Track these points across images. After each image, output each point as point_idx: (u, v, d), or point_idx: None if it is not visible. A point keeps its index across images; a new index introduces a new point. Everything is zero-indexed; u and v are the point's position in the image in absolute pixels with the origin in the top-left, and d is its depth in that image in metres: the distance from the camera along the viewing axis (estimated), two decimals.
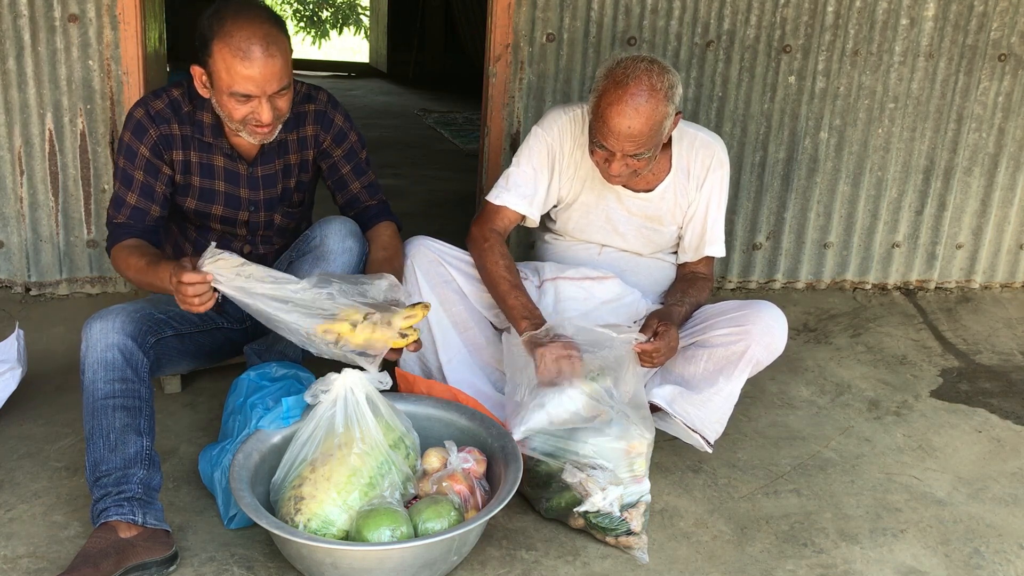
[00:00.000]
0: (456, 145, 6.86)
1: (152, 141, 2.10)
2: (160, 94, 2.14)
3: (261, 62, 1.94)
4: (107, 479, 1.84)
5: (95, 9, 2.85)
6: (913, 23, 3.37)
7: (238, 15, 1.96)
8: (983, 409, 2.83)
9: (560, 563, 1.94)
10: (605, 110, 2.12)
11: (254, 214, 2.26)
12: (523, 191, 2.35)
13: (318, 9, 16.22)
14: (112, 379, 1.90)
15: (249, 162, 2.20)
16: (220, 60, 1.95)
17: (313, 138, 2.26)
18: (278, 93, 2.00)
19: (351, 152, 2.30)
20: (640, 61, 2.13)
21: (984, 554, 2.09)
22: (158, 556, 1.80)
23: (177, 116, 2.12)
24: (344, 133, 2.28)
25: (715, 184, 2.38)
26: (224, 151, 2.17)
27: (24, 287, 3.06)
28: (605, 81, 2.14)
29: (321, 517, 1.77)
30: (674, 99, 2.15)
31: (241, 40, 1.93)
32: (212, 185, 2.19)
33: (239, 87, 1.96)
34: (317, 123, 2.24)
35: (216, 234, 2.28)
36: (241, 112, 2.00)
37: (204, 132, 2.14)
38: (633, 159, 2.16)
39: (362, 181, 2.32)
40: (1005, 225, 3.73)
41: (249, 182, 2.22)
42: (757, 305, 2.30)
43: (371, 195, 2.34)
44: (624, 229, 2.43)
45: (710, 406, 2.23)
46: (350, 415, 1.87)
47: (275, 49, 1.97)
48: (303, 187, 2.34)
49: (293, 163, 2.27)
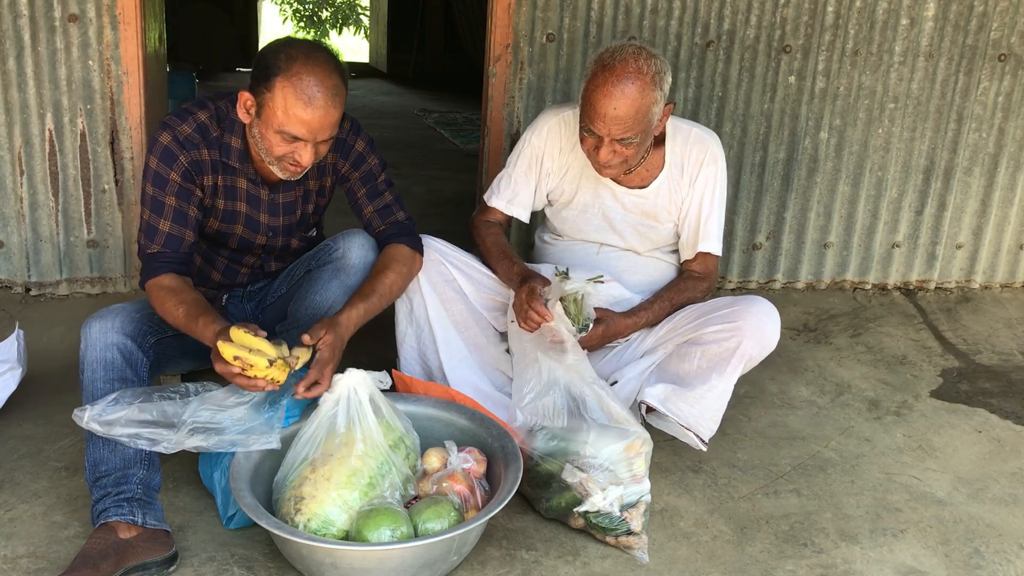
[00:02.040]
0: (456, 145, 6.87)
1: (183, 168, 2.03)
2: (186, 117, 2.05)
3: (322, 112, 1.92)
4: (107, 479, 1.84)
5: (95, 9, 2.85)
6: (913, 23, 3.37)
7: (310, 58, 1.92)
8: (983, 409, 2.83)
9: (560, 563, 1.94)
10: (592, 93, 2.14)
11: (272, 239, 2.25)
12: (506, 194, 2.47)
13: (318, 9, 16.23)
14: (111, 379, 1.90)
15: (270, 188, 2.17)
16: (280, 97, 1.90)
17: (332, 165, 2.23)
18: (324, 141, 1.99)
19: (368, 175, 2.25)
20: (628, 47, 2.16)
21: (984, 554, 2.09)
22: (158, 556, 1.80)
23: (206, 140, 2.06)
24: (363, 158, 2.23)
25: (708, 179, 2.37)
26: (249, 176, 2.13)
27: (24, 287, 3.06)
28: (594, 66, 2.18)
29: (321, 517, 1.78)
30: (662, 85, 2.16)
31: (308, 85, 1.89)
32: (234, 207, 2.16)
33: (291, 129, 1.92)
34: (337, 151, 2.20)
35: (228, 251, 2.26)
36: (283, 150, 1.97)
37: (231, 156, 2.08)
38: (621, 145, 2.16)
39: (375, 204, 2.25)
40: (1005, 225, 3.73)
41: (270, 208, 2.19)
42: (749, 301, 2.29)
43: (383, 219, 2.26)
44: (621, 227, 2.44)
45: (703, 403, 2.23)
46: (352, 415, 1.87)
47: (338, 101, 1.95)
48: (320, 211, 2.33)
49: (312, 188, 2.25)
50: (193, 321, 1.93)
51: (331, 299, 2.16)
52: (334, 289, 2.16)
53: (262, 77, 1.93)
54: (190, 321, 1.93)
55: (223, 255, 2.26)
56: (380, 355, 2.64)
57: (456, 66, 10.91)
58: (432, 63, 11.26)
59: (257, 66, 1.96)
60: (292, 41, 1.97)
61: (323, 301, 2.16)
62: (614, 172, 2.27)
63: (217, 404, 1.90)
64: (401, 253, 2.23)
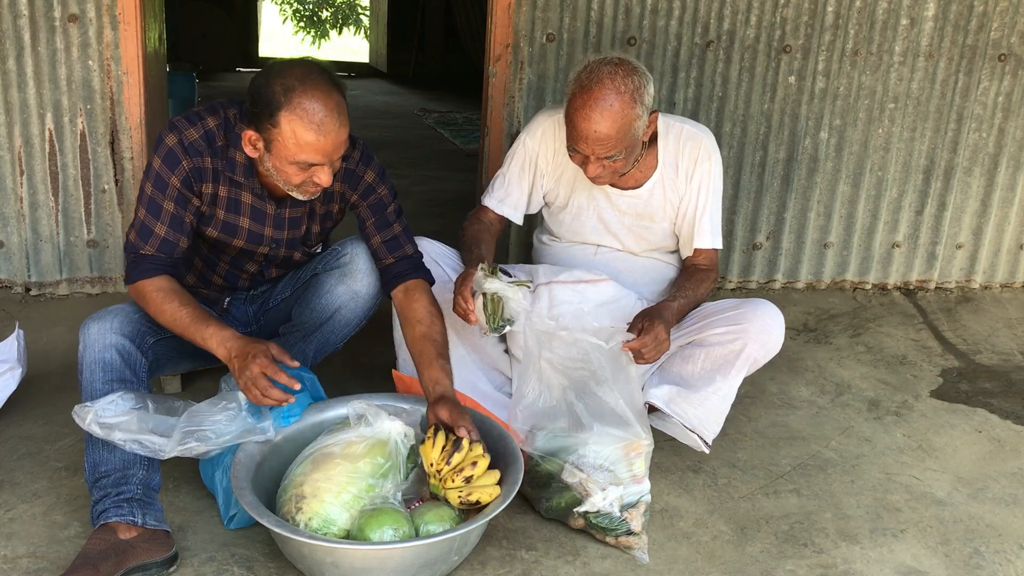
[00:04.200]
0: (456, 145, 6.86)
1: (184, 173, 1.99)
2: (195, 121, 2.01)
3: (334, 134, 1.88)
4: (106, 480, 1.84)
5: (95, 9, 2.85)
6: (913, 23, 3.37)
7: (306, 83, 1.86)
8: (983, 409, 2.83)
9: (560, 563, 1.94)
10: (573, 115, 2.13)
11: (274, 250, 2.22)
12: (499, 195, 2.46)
13: (318, 9, 16.22)
14: (110, 379, 1.89)
15: (277, 202, 2.13)
16: (289, 131, 1.86)
17: (340, 194, 2.19)
18: (340, 157, 1.97)
19: (377, 205, 2.18)
20: (606, 64, 2.13)
21: (984, 554, 2.09)
22: (158, 557, 1.80)
23: (211, 149, 2.01)
24: (372, 188, 2.17)
25: (704, 174, 2.36)
26: (254, 190, 2.09)
27: (24, 287, 3.06)
28: (573, 86, 2.16)
29: (322, 516, 1.77)
30: (643, 100, 2.14)
31: (314, 112, 1.85)
32: (237, 221, 2.12)
33: (307, 158, 1.89)
34: (345, 182, 2.15)
35: (230, 257, 2.24)
36: (301, 177, 1.94)
37: (236, 171, 2.04)
38: (608, 161, 2.16)
39: (384, 235, 2.18)
40: (1005, 225, 3.73)
41: (275, 222, 2.16)
42: (754, 304, 2.29)
43: (391, 251, 2.18)
44: (616, 228, 2.44)
45: (707, 406, 2.23)
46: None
47: (344, 118, 1.91)
48: (326, 233, 2.30)
49: (318, 211, 2.21)
50: (199, 327, 1.92)
51: (337, 303, 2.16)
52: (340, 294, 2.15)
53: (264, 113, 1.88)
54: (195, 324, 1.93)
55: (224, 261, 2.25)
56: (379, 355, 2.64)
57: (456, 66, 10.90)
58: (432, 63, 11.25)
59: (254, 102, 1.90)
60: (282, 69, 1.90)
61: (329, 305, 2.16)
62: (606, 181, 2.28)
63: (209, 413, 1.90)
64: (423, 294, 2.16)
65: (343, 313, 2.16)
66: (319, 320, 2.16)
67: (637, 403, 2.06)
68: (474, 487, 1.85)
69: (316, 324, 2.17)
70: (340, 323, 2.18)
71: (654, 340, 2.10)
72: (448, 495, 1.86)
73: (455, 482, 1.85)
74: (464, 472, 1.84)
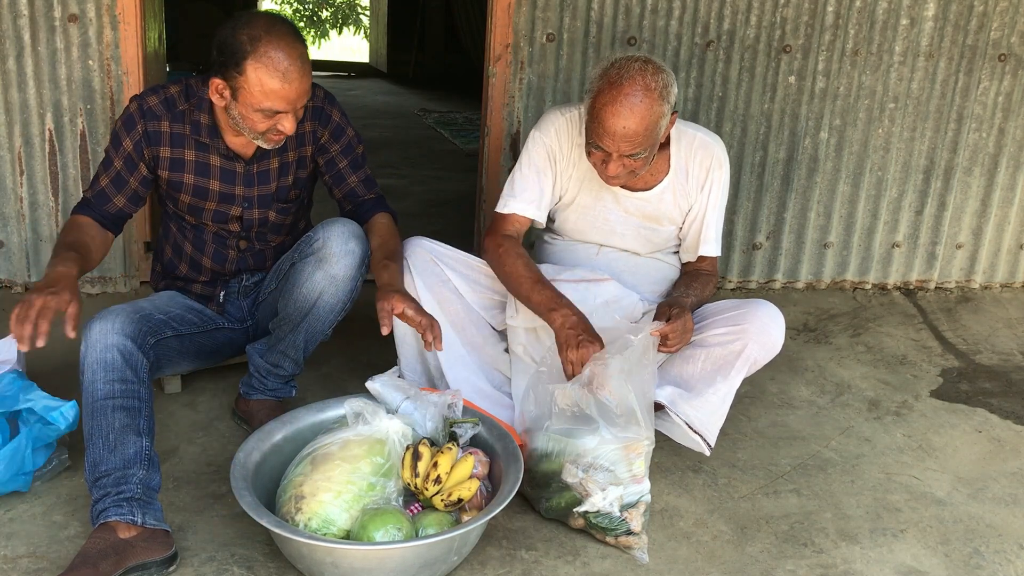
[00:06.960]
0: (456, 145, 6.86)
1: (138, 136, 2.12)
2: (157, 90, 2.15)
3: (298, 82, 1.98)
4: (106, 479, 1.84)
5: (95, 9, 2.85)
6: (913, 23, 3.37)
7: (272, 34, 1.96)
8: (983, 409, 2.83)
9: (560, 563, 1.94)
10: (600, 111, 2.12)
11: (248, 211, 2.26)
12: (529, 196, 2.37)
13: (318, 9, 16.23)
14: (111, 380, 1.89)
15: (246, 160, 2.21)
16: (255, 78, 1.96)
17: (311, 134, 2.27)
18: (303, 106, 2.05)
19: (348, 146, 2.32)
20: (634, 61, 2.13)
21: (984, 554, 2.09)
22: (158, 556, 1.80)
23: (170, 113, 2.13)
24: (342, 128, 2.30)
25: (715, 184, 2.37)
26: (220, 151, 2.18)
27: (24, 287, 3.06)
28: (600, 82, 2.14)
29: (322, 516, 1.77)
30: (669, 98, 2.15)
31: (279, 60, 1.95)
32: (207, 184, 2.20)
33: (272, 105, 1.98)
34: (315, 119, 2.25)
35: (211, 232, 2.28)
36: (266, 125, 2.03)
37: (201, 133, 2.15)
38: (630, 159, 2.16)
39: (359, 175, 2.34)
40: (1005, 225, 3.73)
41: (245, 179, 2.22)
42: (754, 304, 2.30)
43: (368, 189, 2.35)
44: (622, 229, 2.43)
45: (708, 407, 2.24)
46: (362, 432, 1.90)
47: (308, 67, 2.01)
48: (300, 184, 2.34)
49: (291, 160, 2.27)
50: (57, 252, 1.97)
51: (317, 289, 2.15)
52: (318, 280, 2.15)
53: (230, 62, 1.97)
54: (58, 248, 2.00)
55: (207, 237, 2.29)
56: (379, 356, 2.64)
57: (456, 66, 10.90)
58: (432, 63, 11.25)
59: (220, 51, 1.99)
60: (248, 20, 2.00)
61: (309, 294, 2.16)
62: (621, 182, 2.27)
63: None
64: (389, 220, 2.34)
65: (325, 299, 2.16)
66: (303, 310, 2.17)
67: (649, 400, 2.06)
68: (451, 487, 1.88)
69: (301, 314, 2.18)
70: (324, 309, 2.18)
71: (683, 327, 2.13)
72: (434, 502, 1.90)
73: (431, 489, 1.89)
74: (431, 476, 1.89)
